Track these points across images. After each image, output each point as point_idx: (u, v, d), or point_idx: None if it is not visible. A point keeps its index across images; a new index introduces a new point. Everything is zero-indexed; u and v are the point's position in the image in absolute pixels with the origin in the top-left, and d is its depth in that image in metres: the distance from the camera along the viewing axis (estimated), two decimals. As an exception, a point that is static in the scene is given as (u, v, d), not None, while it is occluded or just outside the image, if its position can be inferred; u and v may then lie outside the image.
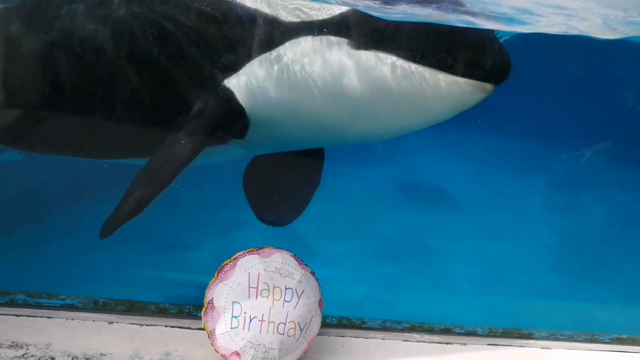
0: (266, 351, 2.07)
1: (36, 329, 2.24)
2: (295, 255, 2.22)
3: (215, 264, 2.21)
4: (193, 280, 2.65)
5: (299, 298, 2.12)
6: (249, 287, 2.09)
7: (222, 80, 2.23)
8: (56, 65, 2.40)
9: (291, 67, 2.16)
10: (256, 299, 2.08)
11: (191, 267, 2.87)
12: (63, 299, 2.42)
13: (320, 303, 2.20)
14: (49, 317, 2.31)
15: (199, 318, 2.38)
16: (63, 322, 2.30)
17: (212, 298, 2.10)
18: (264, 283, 2.09)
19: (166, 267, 2.88)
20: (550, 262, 3.52)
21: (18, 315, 2.30)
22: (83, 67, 2.40)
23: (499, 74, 2.13)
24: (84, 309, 2.39)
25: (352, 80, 2.13)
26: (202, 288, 2.22)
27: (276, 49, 2.16)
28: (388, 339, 2.47)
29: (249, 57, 2.18)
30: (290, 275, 2.13)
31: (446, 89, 2.10)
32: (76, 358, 2.12)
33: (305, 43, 2.12)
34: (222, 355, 2.11)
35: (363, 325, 2.54)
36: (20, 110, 2.48)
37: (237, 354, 2.07)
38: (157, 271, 2.88)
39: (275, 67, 2.17)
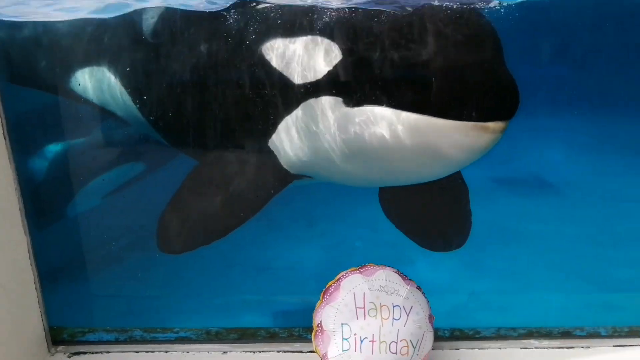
0: (380, 372, 2.03)
1: (155, 364, 2.32)
2: (398, 270, 2.17)
3: (318, 281, 2.20)
4: (298, 301, 2.66)
5: (407, 315, 2.07)
6: (356, 307, 2.06)
7: (266, 142, 2.30)
8: None
9: (304, 130, 2.18)
10: (364, 319, 2.05)
11: (294, 288, 2.89)
12: (177, 332, 2.48)
13: (430, 318, 2.13)
14: (166, 352, 2.38)
15: (309, 340, 2.39)
16: (179, 356, 2.36)
17: (321, 321, 2.09)
18: (371, 302, 2.06)
19: (270, 290, 2.92)
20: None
21: (137, 352, 2.38)
22: None
23: (502, 110, 1.88)
24: (197, 340, 2.44)
25: (351, 139, 2.08)
26: (308, 308, 2.23)
27: (292, 114, 2.18)
28: (504, 347, 2.37)
29: (277, 121, 2.22)
30: (396, 292, 2.08)
31: (447, 136, 1.92)
32: (195, 390, 2.17)
33: (309, 106, 2.11)
34: (336, 379, 2.10)
35: (477, 336, 2.44)
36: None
37: (352, 376, 2.04)
38: (263, 295, 2.92)
39: (294, 131, 2.21)
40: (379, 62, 1.92)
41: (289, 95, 2.15)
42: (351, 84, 2.00)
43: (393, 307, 2.06)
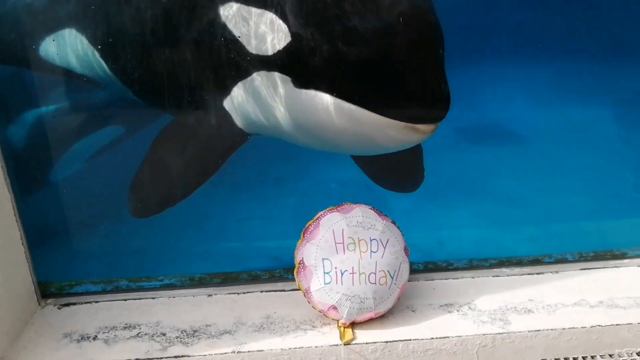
0: (361, 301, 2.14)
1: (144, 309, 2.39)
2: (374, 207, 2.26)
3: (294, 228, 2.29)
4: (277, 245, 2.74)
5: (384, 247, 2.17)
6: (335, 243, 2.15)
7: (222, 102, 2.37)
8: None
9: (255, 99, 2.27)
10: (344, 253, 2.14)
11: (272, 235, 2.96)
12: (161, 280, 2.56)
13: (405, 250, 2.24)
14: (153, 298, 2.46)
15: (290, 280, 2.49)
16: (166, 301, 2.44)
17: (302, 258, 2.18)
18: (349, 237, 2.15)
19: (249, 238, 2.99)
20: (633, 178, 3.40)
21: (125, 300, 2.45)
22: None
23: (432, 114, 2.02)
24: (182, 286, 2.52)
25: (297, 116, 2.18)
26: (287, 251, 2.31)
27: (244, 80, 2.25)
28: (477, 276, 2.50)
29: (232, 84, 2.30)
30: (372, 227, 2.18)
31: (381, 130, 2.04)
32: (184, 331, 2.25)
33: (261, 77, 2.19)
34: (319, 311, 2.20)
35: (450, 267, 2.57)
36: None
37: (334, 307, 2.15)
38: (243, 243, 2.99)
39: (246, 96, 2.29)
40: (326, 50, 1.98)
41: (243, 62, 2.20)
42: (299, 67, 2.06)
43: (370, 240, 2.16)
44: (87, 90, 2.99)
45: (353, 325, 2.20)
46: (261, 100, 2.25)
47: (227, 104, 2.36)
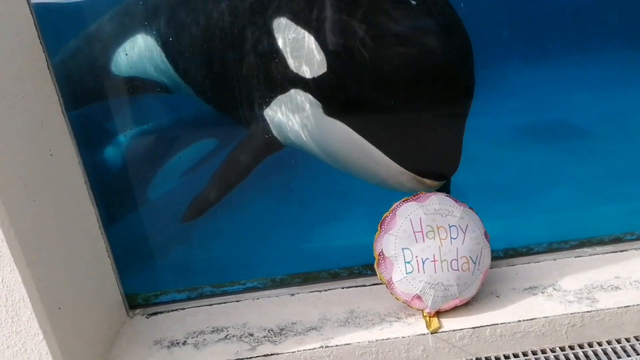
0: (445, 289, 2.13)
1: (229, 313, 2.45)
2: (449, 195, 2.26)
3: (368, 226, 2.31)
4: (353, 244, 2.76)
5: (464, 233, 2.16)
6: (414, 232, 2.16)
7: (263, 110, 2.50)
8: None
9: (289, 114, 2.37)
10: (424, 241, 2.14)
11: (348, 234, 2.99)
12: (244, 283, 2.61)
13: (486, 235, 2.23)
14: (238, 301, 2.51)
15: (369, 275, 2.52)
16: (251, 303, 2.49)
17: (382, 249, 2.19)
18: (428, 225, 2.15)
19: (325, 239, 3.03)
20: None
21: (210, 305, 2.52)
22: None
23: (440, 174, 2.16)
24: (264, 288, 2.57)
25: (321, 139, 2.29)
26: (363, 248, 2.33)
27: (283, 95, 2.35)
28: (559, 258, 2.45)
29: (272, 97, 2.41)
30: (450, 213, 2.18)
31: (391, 173, 2.15)
32: (271, 330, 2.29)
33: (297, 96, 2.28)
34: (403, 302, 2.21)
35: (530, 252, 2.54)
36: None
37: (418, 296, 2.15)
38: (319, 244, 3.03)
39: (282, 110, 2.40)
40: (355, 90, 2.07)
41: (284, 77, 2.29)
42: (330, 97, 2.15)
43: (449, 227, 2.15)
44: (177, 106, 3.11)
45: (438, 313, 2.20)
46: (293, 117, 2.34)
47: (267, 114, 2.47)
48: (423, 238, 2.15)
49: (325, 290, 2.49)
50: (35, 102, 2.05)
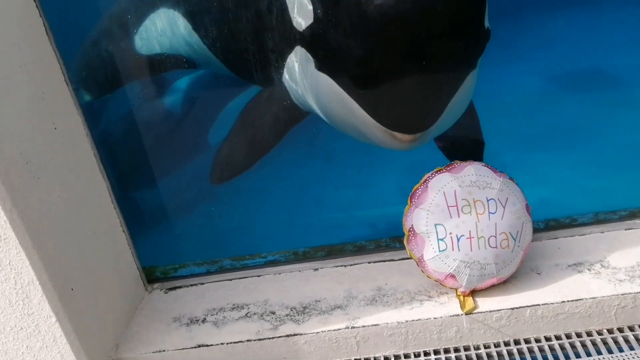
0: (482, 267, 1.96)
1: (250, 288, 2.33)
2: (487, 164, 2.06)
3: (399, 195, 2.14)
4: (380, 213, 2.60)
5: (504, 207, 1.97)
6: (448, 206, 1.97)
7: (280, 76, 2.38)
8: None
9: (296, 74, 2.25)
10: (459, 217, 1.96)
11: (374, 202, 2.82)
12: (265, 257, 2.49)
13: (527, 208, 2.03)
14: (259, 276, 2.39)
15: (398, 249, 2.36)
16: (272, 278, 2.36)
17: (412, 225, 2.02)
18: (463, 199, 1.97)
19: (350, 207, 2.87)
20: None
21: (231, 280, 2.40)
22: None
23: (411, 124, 1.89)
24: (287, 261, 2.44)
25: (316, 97, 2.15)
26: (392, 219, 2.17)
27: (290, 56, 2.24)
28: (607, 231, 2.25)
29: (285, 57, 2.29)
30: (488, 185, 1.98)
31: (368, 127, 1.96)
32: (294, 309, 2.17)
33: (299, 53, 2.15)
34: (435, 280, 2.05)
35: (574, 223, 2.34)
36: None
37: (452, 276, 1.99)
38: (343, 213, 2.87)
39: (292, 71, 2.28)
40: (338, 40, 1.90)
41: (291, 35, 2.17)
42: (317, 50, 2.01)
43: (487, 200, 1.97)
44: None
45: (473, 293, 2.04)
46: (299, 77, 2.23)
47: (285, 77, 2.36)
48: (458, 213, 1.96)
49: (351, 265, 2.34)
50: (35, 71, 1.89)
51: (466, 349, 2.05)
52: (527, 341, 2.03)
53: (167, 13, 2.86)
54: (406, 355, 2.08)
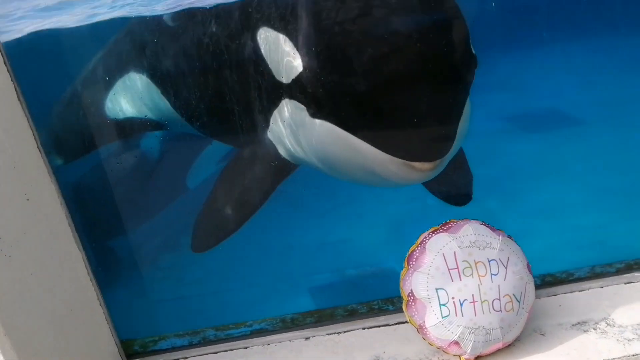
0: (487, 333, 1.87)
1: (241, 363, 2.18)
2: (484, 222, 1.99)
3: (385, 252, 2.06)
4: (370, 273, 2.50)
5: (506, 268, 1.90)
6: (449, 269, 1.88)
7: (265, 133, 2.33)
8: None
9: (285, 128, 2.21)
10: (460, 280, 1.87)
11: (361, 261, 2.72)
12: (250, 325, 2.34)
13: (529, 267, 1.96)
14: (246, 347, 2.23)
15: (392, 312, 2.25)
16: (261, 350, 2.21)
17: (412, 289, 1.92)
18: (464, 261, 1.88)
19: (337, 267, 2.75)
20: None
21: (216, 352, 2.24)
22: None
23: (429, 152, 1.86)
24: (274, 330, 2.30)
25: (313, 146, 2.10)
26: (382, 278, 2.08)
27: (277, 109, 2.20)
28: (607, 285, 2.19)
29: (268, 114, 2.26)
30: (488, 245, 1.91)
31: (382, 165, 1.91)
32: (289, 383, 2.03)
33: (287, 106, 2.12)
34: (438, 348, 1.94)
35: (571, 278, 2.27)
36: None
37: (456, 342, 1.88)
38: (329, 273, 2.76)
39: (280, 125, 2.23)
40: (332, 83, 1.90)
41: (274, 89, 2.15)
42: (309, 97, 1.98)
43: (489, 262, 1.89)
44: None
45: (478, 358, 1.94)
46: (290, 129, 2.18)
47: (269, 134, 2.31)
48: (459, 276, 1.88)
49: (344, 332, 2.21)
50: (5, 138, 1.76)
51: (473, 419, 1.94)
52: (536, 408, 1.93)
53: (135, 76, 2.81)
54: None
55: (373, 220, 2.85)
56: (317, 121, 1.97)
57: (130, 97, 2.82)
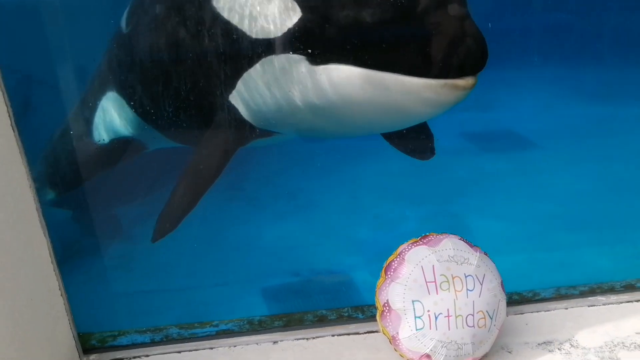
0: (459, 348, 1.88)
1: (202, 363, 2.12)
2: (462, 237, 2.01)
3: (358, 258, 2.05)
4: (340, 280, 2.48)
5: (481, 284, 1.91)
6: (426, 282, 1.89)
7: (227, 97, 2.22)
8: None
9: (264, 86, 2.09)
10: (437, 293, 1.88)
11: (332, 267, 2.70)
12: (217, 325, 2.28)
13: (502, 285, 1.99)
14: (211, 348, 2.18)
15: (361, 320, 2.25)
16: (227, 351, 2.16)
17: (387, 300, 1.91)
18: (442, 275, 1.89)
19: (307, 272, 2.73)
20: None
21: (179, 352, 2.18)
22: None
23: (470, 65, 1.83)
24: (240, 332, 2.25)
25: (316, 98, 1.99)
26: (352, 286, 2.07)
27: (251, 69, 2.07)
28: (571, 307, 2.24)
29: (236, 77, 2.13)
30: (466, 261, 1.92)
31: (416, 93, 1.84)
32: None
33: (270, 63, 2.01)
34: (408, 360, 1.94)
35: (536, 298, 2.32)
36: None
37: (427, 356, 1.88)
38: (298, 277, 2.73)
39: (254, 86, 2.12)
40: (343, 19, 1.82)
41: (245, 50, 2.03)
42: (314, 43, 1.88)
43: (466, 277, 1.90)
44: None
45: (447, 373, 1.94)
46: (271, 88, 2.06)
47: (233, 98, 2.18)
48: (436, 289, 1.88)
49: (313, 338, 2.18)
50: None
51: None
52: None
53: (111, 95, 2.75)
54: None
55: (346, 227, 2.84)
56: (324, 67, 1.88)
57: (111, 117, 2.78)
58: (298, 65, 1.93)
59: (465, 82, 1.81)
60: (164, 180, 2.70)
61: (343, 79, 1.87)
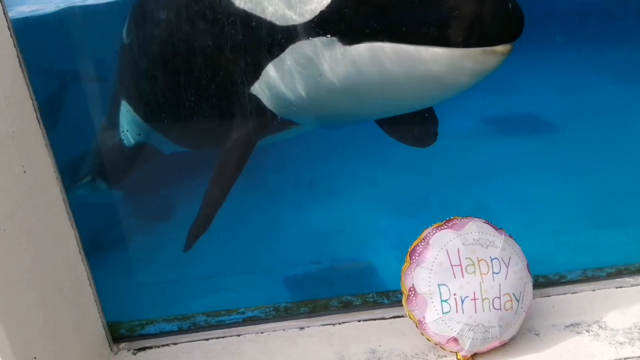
0: (486, 330, 1.87)
1: (230, 350, 2.13)
2: (487, 220, 2.00)
3: (381, 244, 2.04)
4: (365, 265, 2.48)
5: (507, 267, 1.90)
6: (452, 265, 1.88)
7: (249, 88, 2.24)
8: None
9: (292, 73, 2.11)
10: (463, 277, 1.87)
11: (357, 253, 2.70)
12: (243, 312, 2.31)
13: (528, 267, 1.97)
14: (238, 335, 2.20)
15: (387, 305, 2.25)
16: (254, 338, 2.18)
17: (413, 284, 1.91)
18: (467, 258, 1.88)
19: (332, 259, 2.73)
20: None
21: (207, 339, 2.20)
22: None
23: (508, 32, 1.81)
24: (267, 319, 2.27)
25: (349, 78, 2.01)
26: (377, 271, 2.06)
27: (278, 59, 2.10)
28: (599, 289, 2.22)
29: (260, 70, 2.16)
30: (491, 244, 1.91)
31: (452, 64, 1.85)
32: (281, 373, 2.00)
33: (299, 49, 2.02)
34: (436, 344, 1.94)
35: (563, 280, 2.30)
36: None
37: (455, 339, 1.88)
38: (323, 264, 2.73)
39: (279, 77, 2.14)
40: None
41: (271, 40, 2.06)
42: (346, 23, 1.90)
43: (491, 260, 1.89)
44: None
45: (475, 356, 1.94)
46: (300, 74, 2.08)
47: (255, 89, 2.21)
48: (462, 273, 1.87)
49: (339, 324, 2.19)
50: (6, 106, 1.69)
51: (467, 415, 1.94)
52: (527, 406, 1.95)
53: (123, 106, 2.82)
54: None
55: (370, 213, 2.84)
56: (359, 47, 1.89)
57: (127, 124, 2.84)
58: (328, 47, 1.94)
59: (503, 47, 1.81)
60: (192, 173, 2.74)
61: (379, 56, 1.88)
